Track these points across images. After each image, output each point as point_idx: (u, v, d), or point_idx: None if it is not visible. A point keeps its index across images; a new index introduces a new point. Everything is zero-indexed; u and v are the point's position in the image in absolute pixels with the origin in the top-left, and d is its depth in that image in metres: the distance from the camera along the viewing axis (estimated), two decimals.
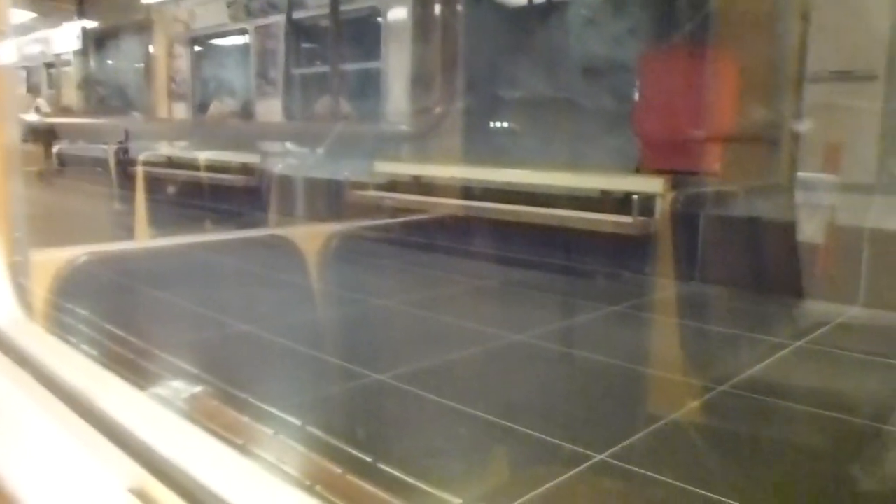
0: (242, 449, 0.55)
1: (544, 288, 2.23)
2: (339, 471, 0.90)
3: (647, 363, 1.59)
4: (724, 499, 0.99)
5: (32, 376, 0.70)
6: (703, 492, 1.01)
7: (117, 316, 1.68)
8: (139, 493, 0.50)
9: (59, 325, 0.93)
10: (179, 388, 0.69)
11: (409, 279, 2.32)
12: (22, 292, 0.95)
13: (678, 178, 2.20)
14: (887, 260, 1.80)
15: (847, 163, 1.88)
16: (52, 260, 1.39)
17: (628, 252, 2.24)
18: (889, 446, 1.17)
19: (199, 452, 0.54)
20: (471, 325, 1.82)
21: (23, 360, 0.74)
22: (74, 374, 0.70)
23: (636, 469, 1.08)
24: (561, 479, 1.05)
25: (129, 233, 2.67)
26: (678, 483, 1.03)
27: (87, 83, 6.00)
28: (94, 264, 1.55)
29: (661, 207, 2.15)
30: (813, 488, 1.05)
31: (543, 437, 1.18)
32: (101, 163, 4.49)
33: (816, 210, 1.90)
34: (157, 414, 0.63)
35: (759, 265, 2.04)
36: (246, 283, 2.15)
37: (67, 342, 0.81)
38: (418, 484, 0.98)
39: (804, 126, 1.96)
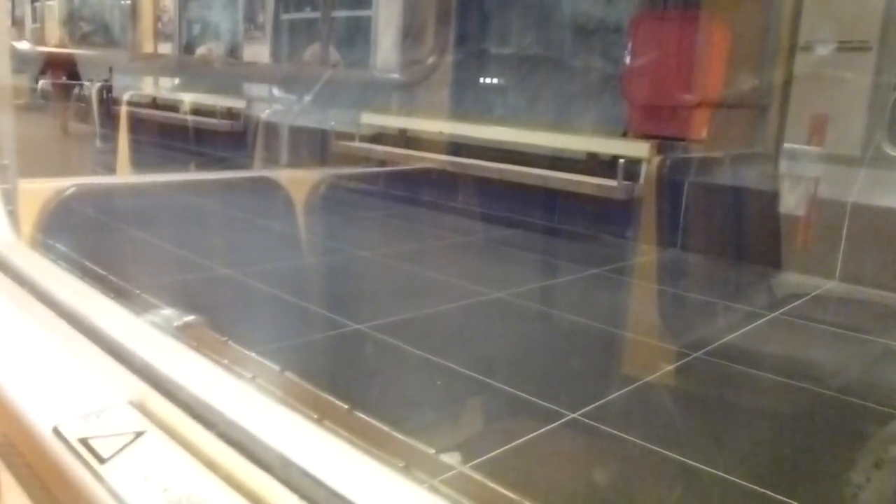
0: (238, 363, 0.57)
1: (526, 247, 2.24)
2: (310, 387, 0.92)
3: (623, 326, 1.61)
4: (689, 461, 1.01)
5: (31, 294, 0.71)
6: (671, 453, 1.03)
7: (104, 251, 1.67)
8: (139, 406, 0.52)
9: (50, 251, 0.93)
10: (171, 315, 0.70)
11: (393, 231, 2.32)
12: (13, 219, 0.95)
13: (665, 143, 2.20)
14: (866, 236, 1.82)
15: (833, 135, 1.88)
16: (40, 190, 1.38)
17: (611, 216, 2.25)
18: (855, 417, 1.20)
19: (195, 370, 0.56)
20: (451, 280, 1.83)
21: (20, 280, 0.75)
22: (72, 294, 0.71)
23: (607, 429, 1.10)
24: (533, 434, 1.06)
25: (110, 171, 2.64)
26: (647, 444, 1.05)
27: (72, 18, 5.87)
28: (81, 196, 1.54)
29: (647, 172, 2.16)
30: (779, 455, 1.08)
31: (518, 393, 1.19)
32: (84, 100, 4.42)
33: (800, 182, 1.91)
34: (154, 335, 0.64)
35: (741, 235, 2.06)
36: (231, 224, 2.14)
37: (63, 267, 0.81)
38: (392, 432, 0.99)
39: (793, 96, 1.96)
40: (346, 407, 1.01)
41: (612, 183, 2.18)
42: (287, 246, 1.98)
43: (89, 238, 1.72)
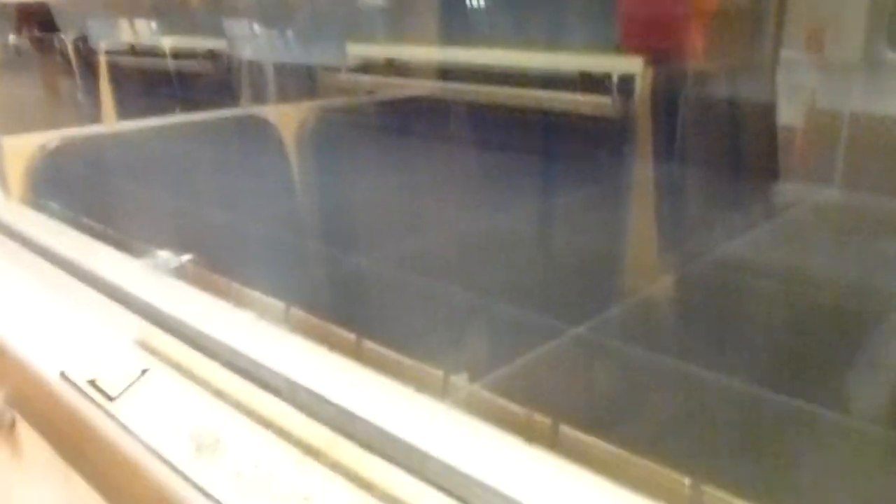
0: (240, 302, 0.57)
1: (521, 171, 2.22)
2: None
3: (622, 242, 1.61)
4: (693, 366, 1.02)
5: (25, 247, 0.71)
6: (673, 360, 1.04)
7: (94, 202, 1.66)
8: (143, 344, 0.52)
9: (40, 207, 0.92)
10: (168, 258, 0.69)
11: (386, 163, 2.30)
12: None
13: (658, 56, 2.16)
14: (864, 142, 1.80)
15: (832, 41, 1.85)
16: (24, 145, 1.37)
17: (606, 133, 2.23)
18: (853, 319, 1.21)
19: (196, 306, 0.56)
20: (447, 208, 1.82)
21: (12, 234, 0.75)
22: (67, 244, 0.71)
23: (610, 341, 1.11)
24: (536, 351, 1.07)
25: (95, 122, 2.60)
26: (650, 353, 1.06)
27: None
28: (67, 149, 1.52)
29: (641, 88, 2.12)
30: (780, 356, 1.09)
31: (520, 312, 1.20)
32: (62, 53, 4.32)
33: (798, 91, 1.89)
34: (152, 276, 0.64)
35: (738, 147, 2.04)
36: (222, 166, 2.12)
37: (56, 219, 0.81)
38: (401, 358, 1.01)
39: (789, 2, 1.91)
40: (353, 336, 1.02)
41: (606, 100, 2.16)
42: (281, 185, 1.96)
43: (78, 190, 1.71)
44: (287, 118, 1.91)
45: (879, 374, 1.02)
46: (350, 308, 1.29)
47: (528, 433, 0.41)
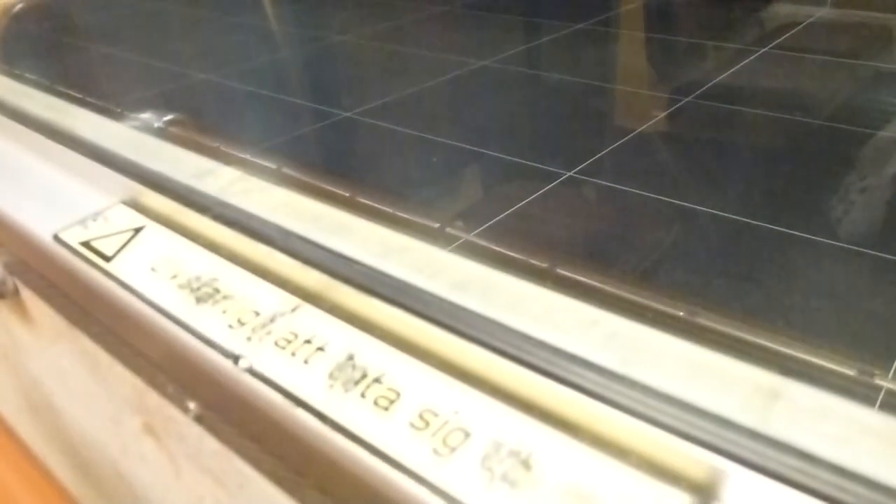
0: (228, 162, 0.57)
1: (506, 9, 2.14)
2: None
3: (612, 79, 1.58)
4: (688, 203, 1.03)
5: (1, 114, 0.69)
6: (669, 199, 1.05)
7: (67, 68, 1.61)
8: (133, 204, 0.52)
9: (9, 73, 0.90)
10: (150, 118, 0.68)
11: (366, 10, 2.21)
12: None
13: None
14: None
15: None
16: None
17: None
18: (843, 142, 1.20)
19: (184, 162, 0.56)
20: (434, 53, 1.77)
21: None
22: (45, 108, 0.69)
23: (604, 182, 1.11)
24: (531, 197, 1.08)
25: None
26: (645, 192, 1.07)
27: None
28: (32, 10, 1.46)
29: None
30: (771, 188, 1.10)
31: (512, 158, 1.20)
32: None
33: None
34: (137, 135, 0.64)
35: None
36: (198, 24, 2.04)
37: (29, 84, 0.79)
38: (396, 213, 1.01)
39: None
40: (347, 194, 1.02)
41: None
42: (261, 40, 1.90)
43: (49, 56, 1.65)
44: None
45: (869, 196, 1.03)
46: (339, 163, 1.28)
47: (527, 276, 0.42)
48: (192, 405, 0.44)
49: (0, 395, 0.86)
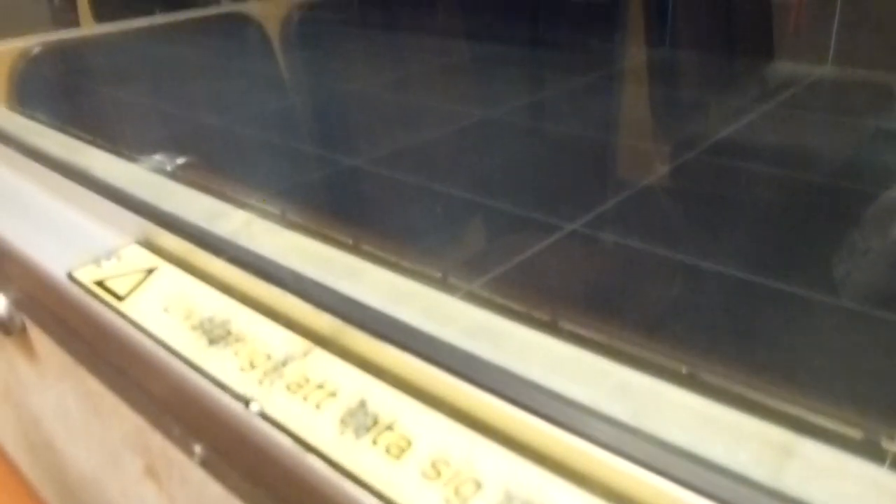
0: (239, 205, 0.57)
1: (512, 62, 2.18)
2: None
3: (616, 132, 1.60)
4: (690, 257, 1.03)
5: (19, 152, 0.71)
6: (671, 253, 1.05)
7: (83, 109, 1.63)
8: (147, 244, 0.53)
9: (27, 113, 0.91)
10: (163, 160, 0.69)
11: (375, 59, 2.25)
12: None
13: None
14: (859, 14, 1.76)
15: None
16: (5, 51, 1.34)
17: (598, 20, 2.17)
18: (847, 201, 1.21)
19: (198, 205, 0.56)
20: (440, 104, 1.80)
21: (6, 140, 0.74)
22: (62, 147, 0.71)
23: (607, 236, 1.12)
24: (534, 249, 1.08)
25: (75, 26, 2.52)
26: (648, 247, 1.07)
27: None
28: (49, 54, 1.49)
29: None
30: (774, 245, 1.10)
31: (516, 210, 1.21)
32: None
33: None
34: (151, 177, 0.64)
35: (731, 26, 2.00)
36: (208, 68, 2.07)
37: (46, 125, 0.81)
38: (399, 261, 1.01)
39: None
40: (353, 240, 1.02)
41: None
42: (271, 87, 1.93)
43: (65, 97, 1.67)
44: (269, 13, 1.85)
45: (872, 255, 1.04)
46: (345, 209, 1.29)
47: (534, 326, 0.42)
48: (197, 448, 0.44)
49: (2, 431, 0.85)
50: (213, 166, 1.28)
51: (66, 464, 0.71)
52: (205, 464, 0.43)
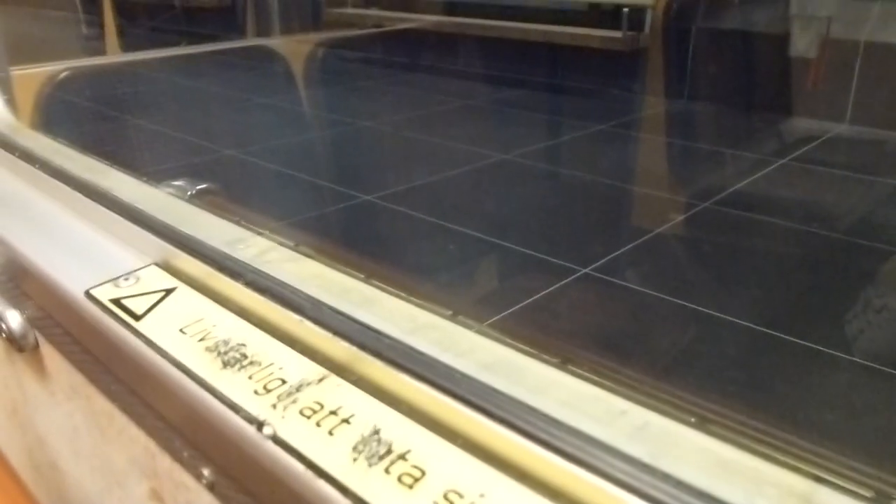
0: (258, 232, 0.58)
1: (530, 107, 2.20)
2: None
3: (631, 180, 1.61)
4: (701, 307, 1.03)
5: (43, 171, 0.72)
6: (683, 301, 1.05)
7: (105, 135, 1.65)
8: (165, 266, 0.53)
9: (52, 134, 0.93)
10: (184, 185, 0.70)
11: (395, 97, 2.28)
12: (12, 106, 0.96)
13: None
14: (878, 73, 1.78)
15: None
16: (33, 76, 1.37)
17: (617, 69, 2.20)
18: (863, 258, 1.21)
19: (217, 229, 0.57)
20: (457, 144, 1.81)
21: (30, 159, 0.75)
22: (84, 168, 0.71)
23: (619, 281, 1.12)
24: (546, 291, 1.08)
25: (101, 54, 2.57)
26: (659, 294, 1.07)
27: None
28: (75, 79, 1.52)
29: (652, 20, 2.09)
30: (789, 299, 1.10)
31: (529, 252, 1.21)
32: None
33: (811, 21, 1.85)
34: (171, 200, 0.65)
35: (750, 81, 2.02)
36: (231, 100, 2.10)
37: (71, 147, 0.82)
38: (411, 297, 1.02)
39: None
40: (367, 272, 1.03)
41: (617, 34, 2.12)
42: (290, 122, 1.95)
43: (89, 122, 1.70)
44: (294, 49, 1.88)
45: (887, 313, 1.03)
46: (358, 245, 1.30)
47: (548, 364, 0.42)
48: (206, 471, 0.44)
49: (7, 447, 0.85)
50: (233, 194, 1.29)
51: (69, 484, 0.70)
52: (212, 487, 0.43)
